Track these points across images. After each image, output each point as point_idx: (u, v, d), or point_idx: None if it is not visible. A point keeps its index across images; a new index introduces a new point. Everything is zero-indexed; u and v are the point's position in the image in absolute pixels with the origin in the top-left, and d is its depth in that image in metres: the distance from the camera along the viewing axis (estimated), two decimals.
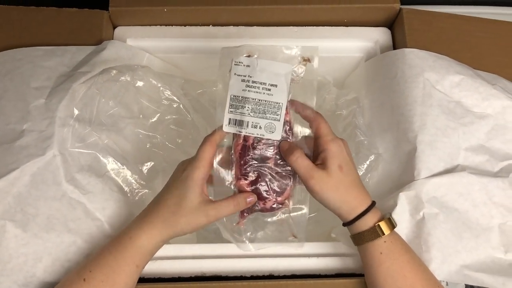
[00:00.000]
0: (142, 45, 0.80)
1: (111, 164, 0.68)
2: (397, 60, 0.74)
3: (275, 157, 0.59)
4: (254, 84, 0.58)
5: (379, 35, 0.83)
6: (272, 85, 0.58)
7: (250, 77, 0.58)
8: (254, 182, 0.59)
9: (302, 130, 0.62)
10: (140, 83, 0.72)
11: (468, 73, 0.72)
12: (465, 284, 0.69)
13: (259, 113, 0.58)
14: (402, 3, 0.80)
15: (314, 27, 0.83)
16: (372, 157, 0.71)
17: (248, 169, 0.59)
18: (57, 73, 0.70)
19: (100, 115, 0.69)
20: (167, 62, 0.82)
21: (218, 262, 0.65)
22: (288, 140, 0.60)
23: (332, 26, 0.84)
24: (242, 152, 0.59)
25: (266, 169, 0.59)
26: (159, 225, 0.56)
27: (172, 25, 0.83)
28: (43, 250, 0.61)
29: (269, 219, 0.62)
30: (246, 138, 0.59)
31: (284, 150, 0.59)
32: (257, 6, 0.79)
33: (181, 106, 0.76)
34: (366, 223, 0.57)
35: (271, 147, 0.59)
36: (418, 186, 0.64)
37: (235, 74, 0.59)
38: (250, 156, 0.59)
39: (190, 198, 0.56)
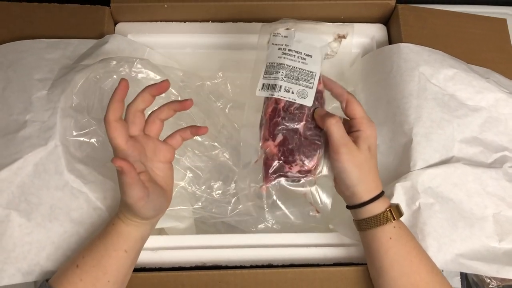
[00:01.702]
0: (143, 40, 0.81)
1: (110, 155, 0.68)
2: (393, 55, 0.75)
3: (305, 123, 0.59)
4: (290, 52, 0.59)
5: (375, 31, 0.84)
6: (307, 55, 0.60)
7: (287, 46, 0.60)
8: (281, 144, 0.59)
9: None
10: (139, 76, 0.72)
11: (462, 67, 0.73)
12: (460, 272, 0.70)
13: (292, 79, 0.59)
14: (397, 2, 0.82)
15: None
16: None
17: (277, 131, 0.59)
18: (60, 65, 0.71)
19: (99, 105, 0.69)
20: (167, 57, 0.83)
21: (218, 252, 0.66)
22: (319, 105, 0.60)
23: (329, 22, 0.85)
24: (272, 114, 0.59)
25: (295, 133, 0.59)
26: (128, 214, 0.56)
27: (172, 21, 0.84)
28: (46, 239, 0.61)
29: (293, 188, 0.61)
30: (278, 101, 0.59)
31: (321, 114, 0.58)
32: (256, 2, 0.80)
33: (179, 98, 0.75)
34: (378, 208, 0.58)
35: (302, 113, 0.59)
36: (414, 177, 0.65)
37: (272, 44, 0.60)
38: (280, 119, 0.58)
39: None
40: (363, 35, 0.84)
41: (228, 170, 0.74)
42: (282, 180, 0.60)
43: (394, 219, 0.58)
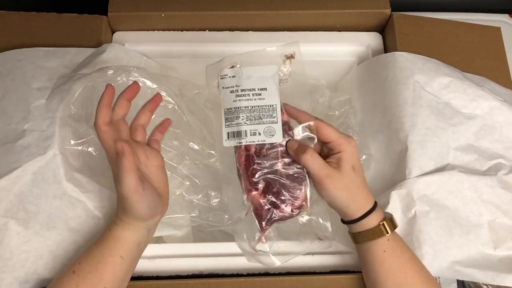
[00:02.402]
0: (140, 49, 0.82)
1: (109, 164, 0.68)
2: (388, 63, 0.76)
3: (282, 160, 0.58)
4: (243, 92, 0.57)
5: (370, 40, 0.85)
6: (261, 89, 0.57)
7: (238, 86, 0.57)
8: (266, 191, 0.57)
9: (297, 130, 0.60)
10: None
11: (457, 75, 0.74)
12: (457, 280, 0.70)
13: (255, 119, 0.57)
14: (392, 10, 0.82)
15: (308, 32, 0.85)
16: (363, 157, 0.72)
17: (257, 178, 0.57)
18: (58, 74, 0.72)
19: None
20: (164, 66, 0.83)
21: (215, 260, 0.66)
22: (289, 136, 0.58)
23: (325, 31, 0.86)
24: (246, 163, 0.57)
25: (276, 174, 0.57)
26: (124, 216, 0.56)
27: (169, 30, 0.85)
28: (44, 248, 0.62)
29: (290, 227, 0.60)
30: (248, 148, 0.58)
31: (294, 149, 0.57)
32: (252, 11, 0.81)
33: (176, 107, 0.75)
34: (371, 222, 0.58)
35: (275, 151, 0.58)
36: (409, 185, 0.66)
37: (223, 87, 0.58)
38: (256, 165, 0.57)
39: (113, 176, 0.57)
40: (358, 43, 0.85)
41: None
42: (278, 223, 0.59)
43: (388, 233, 0.58)
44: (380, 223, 0.58)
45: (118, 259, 0.56)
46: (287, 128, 0.58)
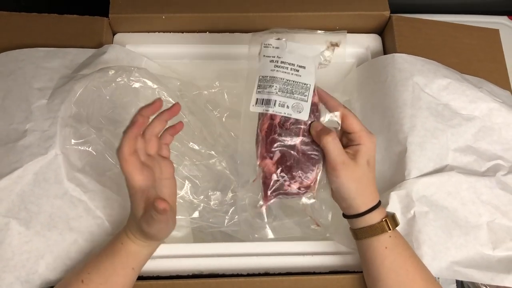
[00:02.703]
0: (141, 51, 0.82)
1: (110, 163, 0.69)
2: (387, 65, 0.76)
3: (302, 138, 0.58)
4: (282, 65, 0.58)
5: (370, 42, 0.85)
6: (300, 66, 0.58)
7: (279, 57, 0.58)
8: (279, 162, 0.58)
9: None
10: (136, 85, 0.73)
11: (455, 77, 0.74)
12: (456, 280, 0.70)
13: (287, 92, 0.57)
14: (392, 12, 0.83)
15: None
16: None
17: (274, 148, 0.58)
18: (59, 75, 0.72)
19: (98, 114, 0.70)
20: (165, 67, 0.83)
21: (215, 261, 0.66)
22: (315, 119, 0.59)
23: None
24: (268, 130, 0.58)
25: (293, 149, 0.58)
26: (142, 238, 0.57)
27: (170, 32, 0.85)
28: (45, 248, 0.62)
29: (291, 207, 0.61)
30: (273, 117, 0.58)
31: (318, 130, 0.58)
32: (252, 13, 0.81)
33: None
34: (375, 218, 0.58)
35: (299, 128, 0.58)
36: (408, 186, 0.66)
37: (264, 55, 0.59)
38: (276, 135, 0.57)
39: (135, 214, 0.55)
40: (358, 45, 0.85)
41: (225, 180, 0.74)
42: (282, 197, 0.59)
43: (390, 229, 0.58)
44: (383, 219, 0.58)
45: (130, 271, 0.57)
46: (314, 110, 0.59)
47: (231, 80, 0.81)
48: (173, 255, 0.66)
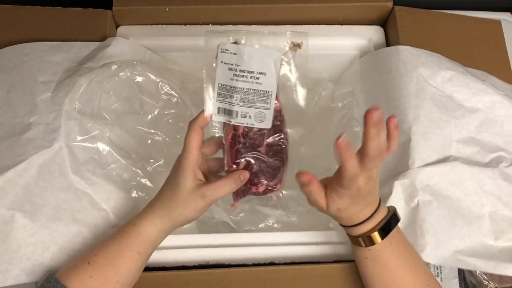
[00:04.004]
0: (144, 43, 0.82)
1: (114, 157, 0.69)
2: (392, 57, 0.76)
3: (266, 145, 0.59)
4: (241, 73, 0.55)
5: (372, 33, 0.85)
6: (260, 73, 0.55)
7: (238, 65, 0.55)
8: (245, 169, 0.59)
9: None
10: (139, 78, 0.73)
11: (459, 70, 0.74)
12: (458, 274, 0.71)
13: (248, 102, 0.56)
14: (394, 3, 0.83)
15: (310, 25, 0.86)
16: None
17: (239, 157, 0.58)
18: (63, 68, 0.72)
19: (102, 109, 0.70)
20: (168, 60, 0.84)
21: (221, 251, 0.67)
22: (278, 124, 0.58)
23: (327, 24, 0.86)
24: (232, 141, 0.58)
25: (257, 156, 0.59)
26: (159, 212, 0.57)
27: (173, 24, 0.85)
28: (50, 240, 0.62)
29: (262, 201, 0.63)
30: (236, 127, 0.58)
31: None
32: (255, 5, 0.82)
33: (180, 100, 0.76)
34: (354, 231, 0.58)
35: (262, 135, 0.58)
36: (412, 175, 0.66)
37: (221, 62, 0.55)
38: (241, 145, 0.58)
39: (183, 184, 0.56)
40: (360, 36, 0.85)
41: None
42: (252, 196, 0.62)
43: (366, 246, 0.58)
44: (359, 236, 0.58)
45: (136, 255, 0.57)
46: (278, 115, 0.58)
47: None
48: (178, 245, 0.67)
